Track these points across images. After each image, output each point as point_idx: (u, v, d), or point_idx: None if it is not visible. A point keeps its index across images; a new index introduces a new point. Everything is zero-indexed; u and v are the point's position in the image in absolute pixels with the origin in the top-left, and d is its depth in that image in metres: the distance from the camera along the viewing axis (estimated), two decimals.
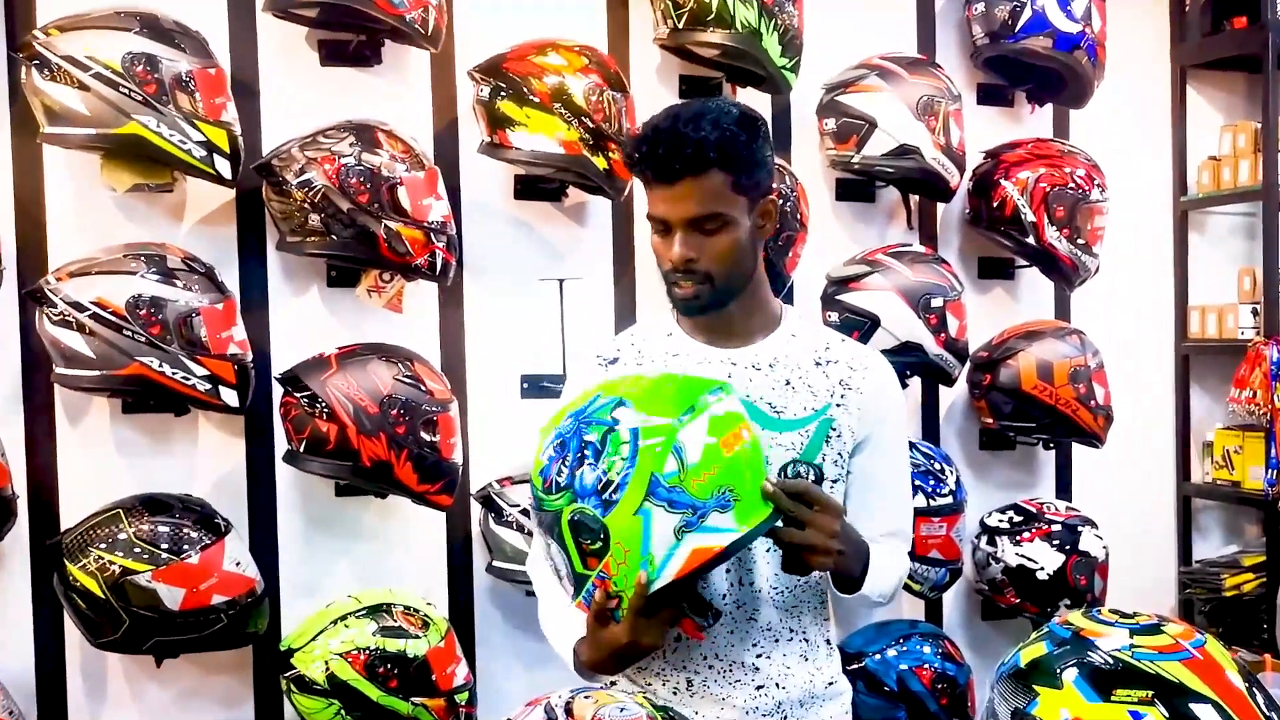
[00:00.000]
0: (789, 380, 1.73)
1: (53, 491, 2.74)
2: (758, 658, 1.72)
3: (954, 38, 3.41)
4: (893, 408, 1.79)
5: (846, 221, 3.33)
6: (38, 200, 2.73)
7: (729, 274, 1.68)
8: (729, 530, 1.43)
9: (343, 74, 2.90)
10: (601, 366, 1.79)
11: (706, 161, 1.61)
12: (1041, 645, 1.30)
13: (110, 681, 2.78)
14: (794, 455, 1.70)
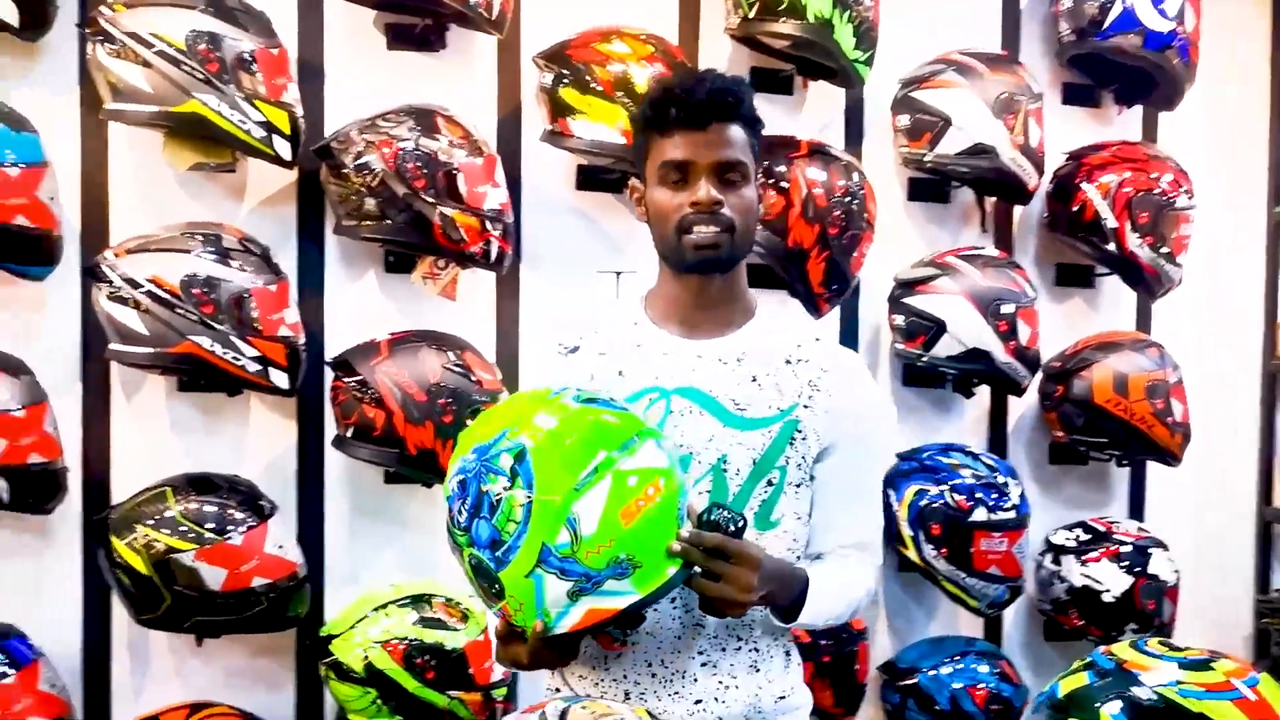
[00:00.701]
0: (755, 377, 1.67)
1: (105, 467, 2.76)
2: (702, 667, 1.66)
3: (1039, 34, 3.28)
4: (863, 413, 1.71)
5: (918, 222, 3.22)
6: (102, 177, 2.74)
7: (746, 230, 1.66)
8: (626, 594, 1.39)
9: (409, 58, 2.87)
10: (562, 355, 1.74)
11: (734, 111, 1.63)
12: (1083, 676, 1.23)
13: (154, 658, 2.79)
14: (754, 456, 1.64)
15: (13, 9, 2.46)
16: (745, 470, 1.65)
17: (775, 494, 1.66)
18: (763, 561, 1.52)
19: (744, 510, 1.64)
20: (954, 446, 3.06)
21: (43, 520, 2.68)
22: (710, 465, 1.65)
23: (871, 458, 1.75)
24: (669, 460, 1.44)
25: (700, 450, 1.65)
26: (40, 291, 2.66)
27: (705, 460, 1.65)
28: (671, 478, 1.43)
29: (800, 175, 2.80)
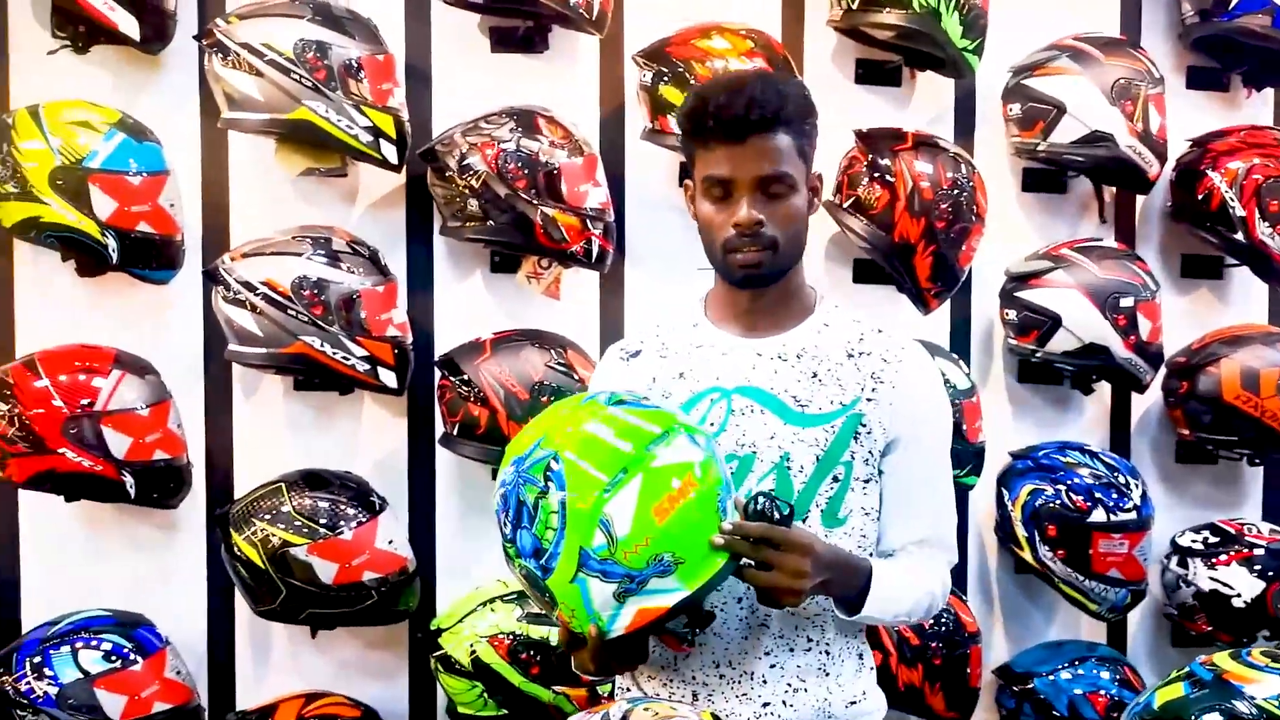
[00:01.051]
0: (816, 373, 1.65)
1: (228, 463, 2.86)
2: (770, 668, 1.63)
3: (1162, 16, 3.15)
4: (929, 405, 1.68)
5: (1033, 214, 3.13)
6: (222, 183, 2.84)
7: (792, 242, 1.64)
8: (674, 590, 1.38)
9: (513, 60, 2.90)
10: (623, 360, 1.75)
11: (775, 120, 1.58)
12: (1179, 687, 1.18)
13: (274, 648, 2.88)
14: (817, 453, 1.61)
15: (134, 23, 2.57)
16: (809, 467, 1.63)
17: (842, 490, 1.63)
18: (815, 547, 1.50)
19: (810, 507, 1.62)
20: (1071, 445, 2.96)
21: (171, 514, 2.79)
22: (773, 463, 1.63)
23: (939, 450, 1.70)
24: (705, 454, 1.43)
25: (763, 449, 1.64)
26: (165, 295, 2.77)
27: (768, 458, 1.64)
28: (708, 471, 1.42)
29: (905, 168, 2.74)
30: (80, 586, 2.77)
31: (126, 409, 2.56)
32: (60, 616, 2.65)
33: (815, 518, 1.63)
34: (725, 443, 1.65)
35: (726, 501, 1.43)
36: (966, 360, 3.05)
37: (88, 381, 2.56)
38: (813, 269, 2.99)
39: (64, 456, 2.51)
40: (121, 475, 2.55)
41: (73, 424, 2.51)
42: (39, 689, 2.50)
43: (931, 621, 2.77)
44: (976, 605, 3.08)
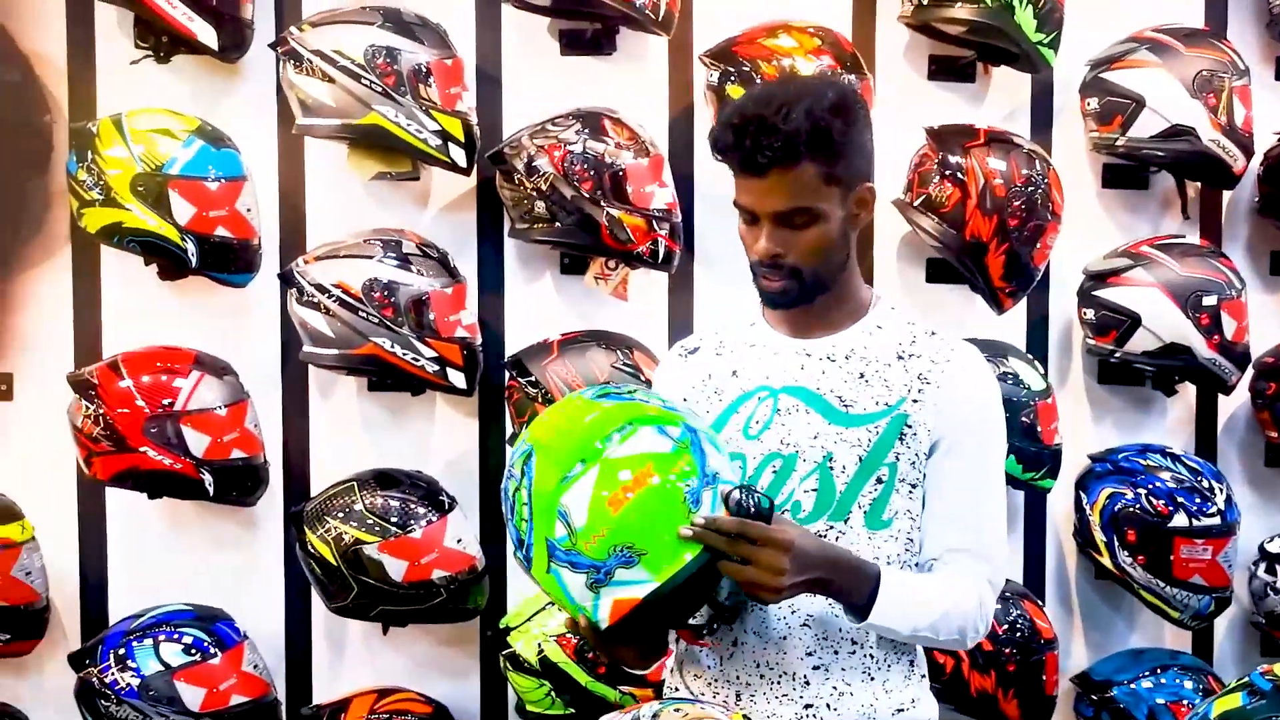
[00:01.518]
0: (864, 373, 1.63)
1: (305, 462, 2.92)
2: (813, 669, 1.61)
3: (1248, 6, 3.05)
4: (975, 408, 1.64)
5: (1114, 211, 3.05)
6: (298, 188, 2.91)
7: (817, 269, 1.61)
8: (643, 582, 1.37)
9: (582, 62, 2.91)
10: (682, 358, 1.76)
11: (797, 154, 1.54)
12: (1237, 697, 1.14)
13: (350, 645, 2.94)
14: (860, 453, 1.60)
15: (212, 33, 2.64)
16: (851, 468, 1.61)
17: (885, 492, 1.61)
18: (796, 543, 1.45)
19: (852, 508, 1.61)
20: (1152, 447, 2.88)
21: (250, 512, 2.87)
22: (816, 463, 1.62)
23: (987, 457, 1.65)
24: (675, 446, 1.41)
25: (806, 448, 1.63)
26: (244, 297, 2.84)
27: (811, 458, 1.62)
28: (672, 463, 1.40)
29: (977, 165, 2.69)
30: (164, 581, 2.85)
31: (205, 409, 2.63)
32: (144, 610, 2.74)
33: (858, 519, 1.61)
34: (770, 442, 1.64)
35: (702, 493, 1.41)
36: (1044, 360, 2.99)
37: (169, 382, 2.64)
38: (884, 269, 2.98)
39: (145, 455, 2.59)
40: (200, 473, 2.62)
41: (153, 423, 2.59)
42: (122, 680, 2.58)
43: (1005, 627, 2.73)
44: (1054, 611, 3.01)
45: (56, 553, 2.83)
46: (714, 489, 1.43)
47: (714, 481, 1.44)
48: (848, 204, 1.62)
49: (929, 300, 2.97)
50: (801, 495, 1.62)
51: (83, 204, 2.62)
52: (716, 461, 1.47)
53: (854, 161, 1.61)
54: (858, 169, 1.62)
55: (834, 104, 1.58)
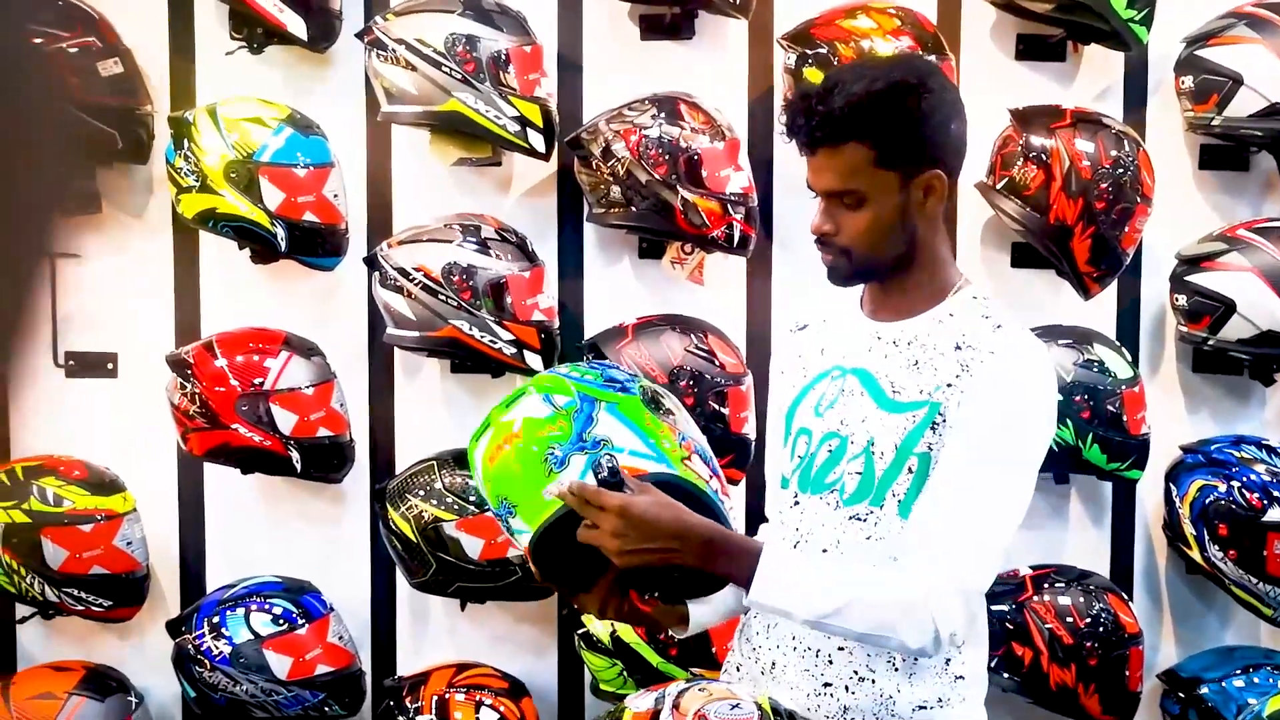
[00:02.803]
0: (918, 361, 1.61)
1: (390, 441, 3.00)
2: (838, 650, 1.61)
3: None
4: (998, 403, 1.56)
5: (1212, 193, 2.94)
6: (385, 174, 2.98)
7: (869, 250, 1.61)
8: (524, 531, 1.53)
9: (662, 47, 2.92)
10: (791, 333, 1.79)
11: (842, 133, 1.55)
12: None
13: (431, 620, 3.01)
14: (896, 440, 1.58)
15: (301, 24, 2.72)
16: (889, 455, 1.60)
17: (917, 482, 1.58)
18: (633, 511, 1.44)
19: (887, 495, 1.60)
20: (1248, 439, 2.78)
21: (338, 489, 2.95)
22: (862, 447, 1.61)
23: (992, 453, 1.55)
24: (551, 412, 1.53)
25: (856, 431, 1.63)
26: (334, 280, 2.93)
27: (859, 441, 1.62)
28: (539, 426, 1.52)
29: (1063, 146, 2.63)
30: (257, 553, 2.97)
31: (293, 388, 2.72)
32: (237, 580, 2.85)
33: (892, 507, 1.60)
34: (831, 421, 1.65)
35: (570, 456, 1.50)
36: (1135, 348, 2.91)
37: (260, 362, 2.73)
38: (968, 252, 2.93)
39: (236, 432, 2.69)
40: (288, 450, 2.71)
41: (244, 401, 2.69)
42: (216, 648, 2.69)
43: (1088, 620, 2.67)
44: (1143, 606, 2.94)
45: (157, 524, 2.96)
46: (590, 454, 1.50)
47: (591, 447, 1.51)
48: (909, 190, 1.59)
49: (1014, 285, 2.91)
50: (848, 477, 1.63)
51: (180, 190, 2.73)
52: (607, 430, 1.52)
53: (914, 146, 1.58)
54: (921, 154, 1.58)
55: (893, 85, 1.56)
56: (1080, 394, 2.64)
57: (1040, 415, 1.61)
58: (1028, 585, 2.73)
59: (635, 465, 1.51)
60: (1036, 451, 1.61)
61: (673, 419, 1.57)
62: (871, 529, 1.61)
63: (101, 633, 2.96)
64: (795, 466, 1.70)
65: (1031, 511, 2.86)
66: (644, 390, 1.59)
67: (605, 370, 1.63)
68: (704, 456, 1.59)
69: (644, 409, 1.55)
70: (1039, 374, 1.61)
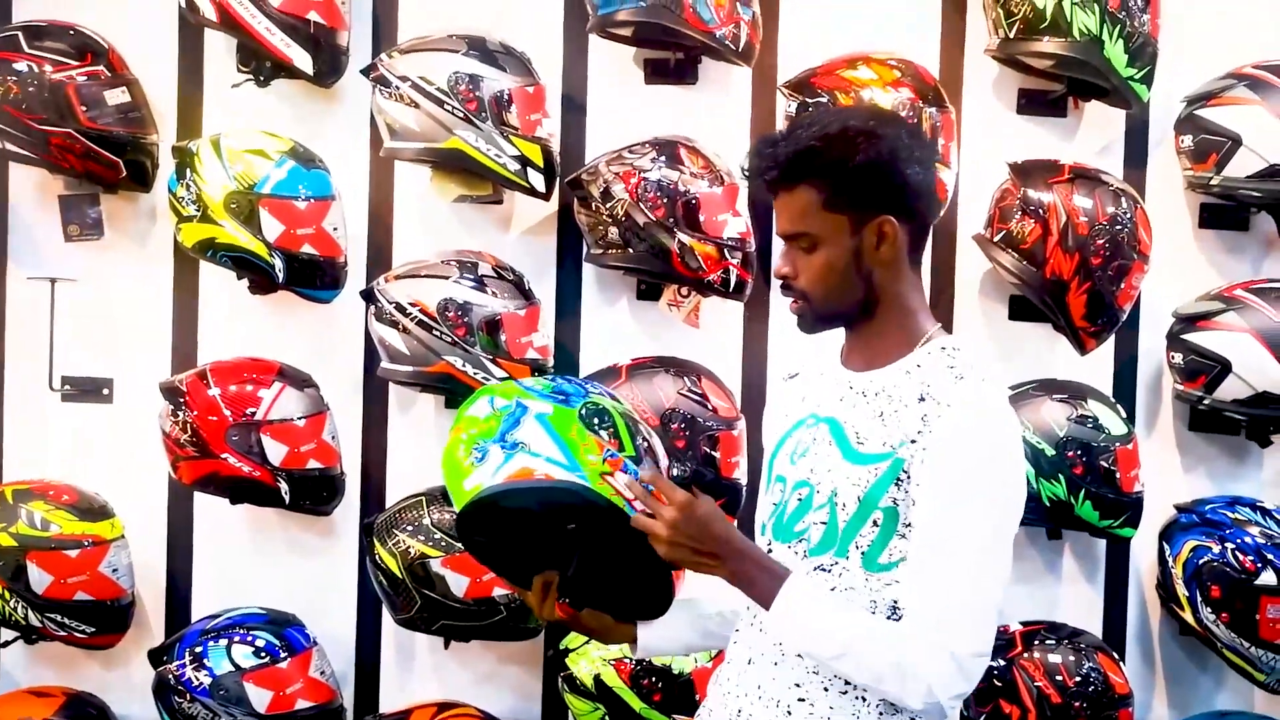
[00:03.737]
0: (883, 412, 1.60)
1: (382, 475, 3.00)
2: (798, 701, 1.61)
3: None
4: (960, 459, 1.53)
5: (1212, 252, 2.94)
6: (388, 209, 2.99)
7: (823, 295, 1.62)
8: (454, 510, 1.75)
9: (666, 91, 2.95)
10: (784, 380, 1.80)
11: (792, 175, 1.57)
12: None
13: (417, 656, 2.99)
14: (859, 493, 1.57)
15: (308, 59, 2.75)
16: (851, 507, 1.58)
17: (884, 535, 1.57)
18: (694, 508, 1.56)
19: (850, 548, 1.59)
20: (1242, 500, 2.76)
21: (328, 522, 2.95)
22: (827, 498, 1.60)
23: (962, 514, 1.52)
24: (488, 413, 1.68)
25: (822, 481, 1.62)
26: (332, 312, 2.93)
27: (824, 492, 1.61)
28: (473, 424, 1.69)
29: (1060, 201, 2.63)
30: (245, 584, 2.96)
31: (285, 419, 2.72)
32: (222, 611, 2.84)
33: (855, 560, 1.58)
34: (802, 469, 1.65)
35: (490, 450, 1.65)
36: (1131, 404, 2.90)
37: (253, 393, 2.74)
38: (965, 304, 2.93)
39: (226, 461, 2.69)
40: (277, 481, 2.71)
41: (235, 431, 2.69)
42: (196, 678, 2.68)
43: (1077, 679, 2.64)
44: (1136, 667, 2.91)
45: (146, 551, 2.95)
46: (508, 452, 1.64)
47: (510, 446, 1.64)
48: (862, 234, 1.59)
49: (1011, 338, 2.91)
50: (814, 527, 1.62)
51: (181, 219, 2.75)
52: (528, 434, 1.65)
53: (860, 190, 1.57)
54: (869, 199, 1.58)
55: (842, 130, 1.57)
56: (1073, 449, 2.62)
57: (1005, 468, 1.56)
58: (1017, 641, 2.70)
59: (540, 469, 1.62)
60: (1008, 506, 1.56)
61: (613, 438, 1.65)
62: (836, 580, 1.60)
63: (84, 659, 2.94)
64: (770, 514, 1.69)
65: (1024, 566, 2.92)
66: (588, 406, 1.66)
67: (562, 384, 1.72)
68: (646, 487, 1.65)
69: (575, 422, 1.64)
70: (997, 427, 1.56)
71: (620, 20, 2.72)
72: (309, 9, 2.72)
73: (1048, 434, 2.64)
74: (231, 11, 2.71)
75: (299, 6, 2.71)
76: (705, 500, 1.59)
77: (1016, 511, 1.59)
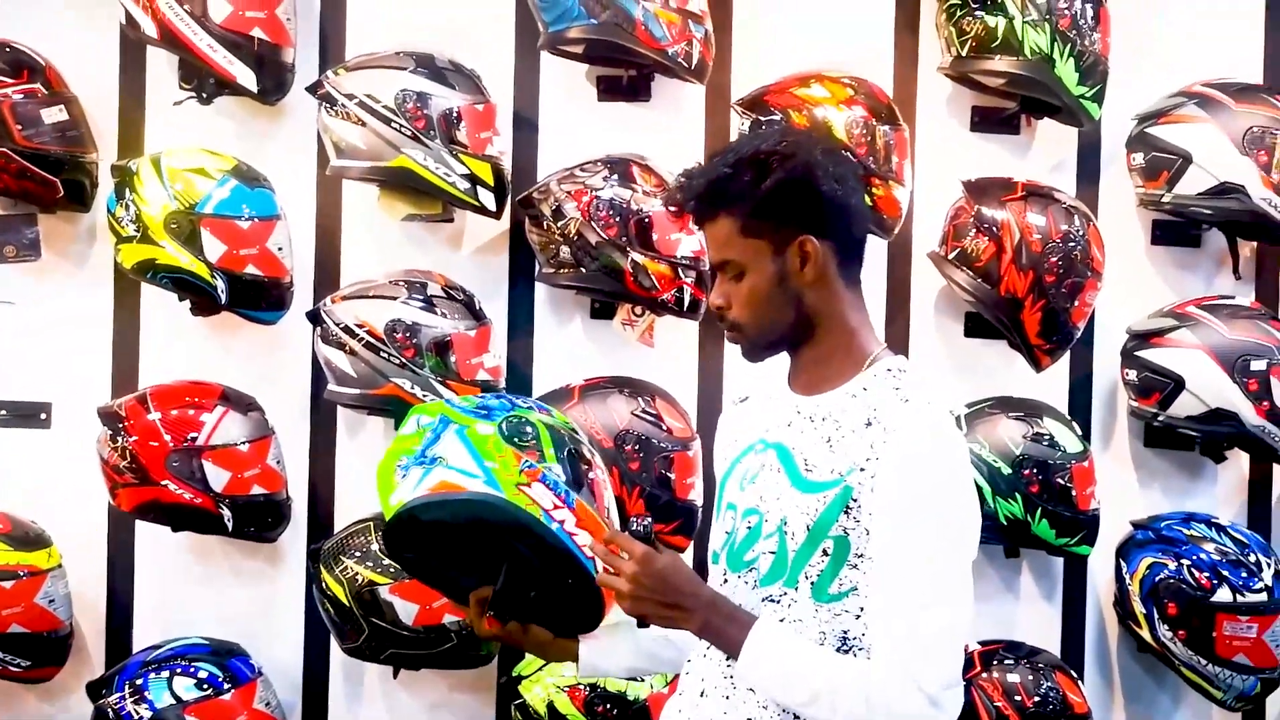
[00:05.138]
0: (830, 438, 1.56)
1: (330, 499, 2.93)
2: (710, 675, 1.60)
3: None
4: (912, 487, 1.50)
5: (1165, 268, 2.95)
6: (335, 228, 2.94)
7: (755, 322, 1.59)
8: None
9: (619, 109, 2.91)
10: (734, 404, 1.77)
11: (711, 205, 1.57)
12: None
13: (367, 685, 2.92)
14: (808, 522, 1.53)
15: (251, 76, 2.69)
16: (800, 536, 1.54)
17: (834, 565, 1.53)
18: (651, 562, 1.53)
19: (799, 578, 1.55)
20: (1197, 516, 2.76)
21: (275, 548, 2.88)
22: (776, 526, 1.56)
23: (917, 542, 1.49)
24: (415, 429, 1.74)
25: (770, 509, 1.58)
26: (278, 334, 2.87)
27: (773, 520, 1.57)
28: (403, 441, 1.75)
29: (1013, 219, 2.63)
30: (189, 613, 2.87)
31: (228, 444, 2.65)
32: (163, 641, 2.76)
33: (805, 590, 1.55)
34: (751, 496, 1.61)
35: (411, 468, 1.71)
36: (1087, 421, 2.89)
37: (195, 417, 2.67)
38: (921, 322, 2.91)
39: (166, 488, 2.62)
40: (219, 508, 2.64)
41: (176, 457, 2.62)
42: (136, 712, 2.60)
43: (1035, 700, 2.62)
44: (1094, 685, 2.90)
45: (85, 581, 2.86)
46: (427, 467, 1.69)
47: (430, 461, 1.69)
48: (784, 257, 1.56)
49: (967, 355, 2.90)
50: (763, 557, 1.58)
51: (120, 240, 2.68)
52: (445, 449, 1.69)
53: (780, 211, 1.55)
54: (782, 220, 1.55)
55: (752, 155, 1.56)
56: (1029, 468, 2.61)
57: (957, 493, 1.53)
58: (976, 661, 2.68)
59: (456, 482, 1.64)
60: (964, 531, 1.52)
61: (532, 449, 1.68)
62: (786, 611, 1.56)
63: (21, 692, 2.85)
64: (723, 543, 1.65)
65: (982, 585, 2.87)
66: (509, 419, 1.70)
67: (489, 400, 1.75)
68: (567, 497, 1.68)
69: (492, 435, 1.67)
70: (946, 451, 1.52)
71: (571, 38, 2.69)
72: (253, 26, 2.66)
73: (1004, 452, 2.63)
74: (172, 28, 2.65)
75: (242, 23, 2.66)
76: (667, 554, 1.56)
77: (973, 535, 1.55)
